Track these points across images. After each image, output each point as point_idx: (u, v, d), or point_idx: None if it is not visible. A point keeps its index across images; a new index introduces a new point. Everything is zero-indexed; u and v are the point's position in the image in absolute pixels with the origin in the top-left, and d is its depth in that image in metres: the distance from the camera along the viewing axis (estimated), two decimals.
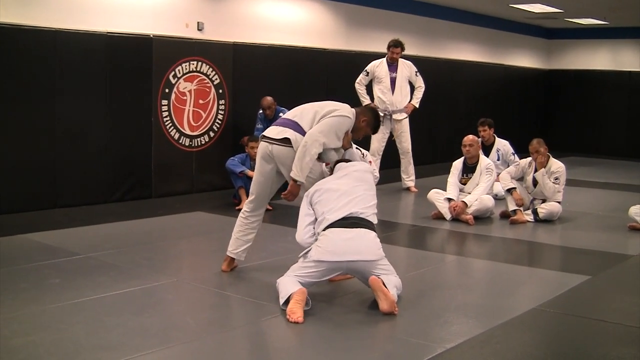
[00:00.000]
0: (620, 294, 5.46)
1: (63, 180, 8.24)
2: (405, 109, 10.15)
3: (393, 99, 10.06)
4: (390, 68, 10.07)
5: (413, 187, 10.29)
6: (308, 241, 5.01)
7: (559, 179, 8.16)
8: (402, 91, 10.13)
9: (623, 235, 7.58)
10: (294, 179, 5.17)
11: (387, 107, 10.06)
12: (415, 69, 10.20)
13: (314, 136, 5.16)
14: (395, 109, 10.09)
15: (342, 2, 11.86)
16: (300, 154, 5.14)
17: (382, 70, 10.07)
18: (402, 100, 10.13)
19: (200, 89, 9.56)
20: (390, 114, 10.10)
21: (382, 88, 10.07)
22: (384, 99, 10.06)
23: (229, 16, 10.07)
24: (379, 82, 10.11)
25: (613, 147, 16.73)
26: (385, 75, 10.06)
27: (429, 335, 4.39)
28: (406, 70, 10.14)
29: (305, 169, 5.15)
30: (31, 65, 7.90)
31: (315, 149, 5.14)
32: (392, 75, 10.06)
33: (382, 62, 10.13)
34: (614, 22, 15.66)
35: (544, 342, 4.41)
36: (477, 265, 6.38)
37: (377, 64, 10.15)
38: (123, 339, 4.14)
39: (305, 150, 5.13)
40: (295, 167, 5.14)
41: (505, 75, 16.42)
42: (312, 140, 5.14)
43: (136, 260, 5.98)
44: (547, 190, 8.12)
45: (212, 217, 8.12)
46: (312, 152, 5.14)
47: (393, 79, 10.06)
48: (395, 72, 10.07)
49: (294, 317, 4.47)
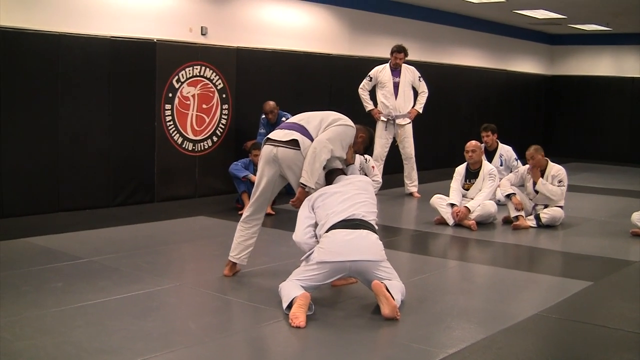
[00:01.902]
0: (622, 300, 5.45)
1: (66, 184, 8.25)
2: (408, 114, 10.16)
3: (396, 104, 10.07)
4: (394, 73, 10.08)
5: (416, 193, 10.28)
6: (308, 242, 5.01)
7: (563, 181, 8.17)
8: (406, 96, 10.13)
9: (625, 241, 7.58)
10: (303, 184, 5.14)
11: (390, 112, 10.07)
12: (418, 74, 10.21)
13: (322, 142, 5.16)
14: (398, 114, 10.10)
15: (346, 8, 11.88)
16: (310, 159, 5.12)
17: (386, 76, 10.08)
18: (406, 105, 10.13)
19: (204, 94, 9.57)
20: (393, 119, 10.10)
21: (386, 93, 10.08)
22: (387, 104, 10.06)
23: (233, 21, 10.08)
24: (382, 87, 10.12)
25: (616, 153, 16.72)
26: (388, 80, 10.07)
27: (430, 340, 4.38)
28: (409, 76, 10.15)
29: (315, 175, 5.12)
30: (35, 69, 7.92)
31: (324, 154, 5.14)
32: (396, 80, 10.07)
33: (386, 67, 10.14)
34: (617, 28, 15.66)
35: (546, 348, 4.41)
36: (479, 271, 6.38)
37: (381, 69, 10.16)
38: (125, 343, 4.14)
39: (315, 155, 5.11)
40: (306, 172, 5.12)
41: (508, 80, 16.42)
42: (321, 147, 5.13)
43: (138, 264, 5.98)
44: (554, 195, 8.11)
45: (215, 221, 8.12)
46: (322, 158, 5.13)
47: (396, 84, 10.07)
48: (399, 77, 10.08)
49: (296, 322, 4.47)
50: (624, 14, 13.42)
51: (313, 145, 5.16)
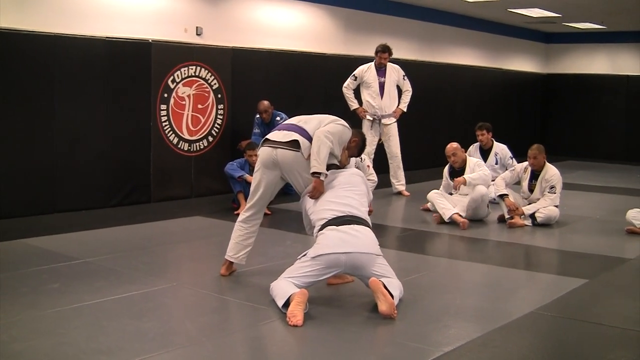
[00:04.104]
0: (617, 298, 5.47)
1: (62, 185, 8.25)
2: (393, 114, 10.17)
3: (382, 103, 10.07)
4: (379, 73, 10.07)
5: (404, 191, 10.29)
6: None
7: (555, 187, 8.16)
8: (391, 95, 10.15)
9: (620, 238, 7.60)
10: (316, 172, 5.14)
11: (376, 112, 10.08)
12: (403, 72, 10.22)
13: (324, 133, 5.20)
14: (384, 114, 10.11)
15: (341, 7, 11.88)
16: (315, 148, 5.15)
17: (371, 75, 10.06)
18: (391, 104, 10.14)
19: (199, 94, 9.58)
20: (379, 118, 10.12)
21: (371, 93, 10.07)
22: (373, 104, 10.06)
23: (228, 21, 10.09)
24: (367, 87, 10.11)
25: (611, 151, 16.76)
26: (374, 80, 10.06)
27: (427, 338, 4.40)
28: (394, 75, 10.15)
29: (324, 161, 5.14)
30: (30, 70, 7.91)
31: (329, 142, 5.18)
32: (381, 80, 10.08)
33: (371, 67, 10.12)
34: (612, 26, 15.70)
35: (542, 346, 4.43)
36: (475, 269, 6.39)
37: (365, 69, 10.13)
38: (122, 344, 4.15)
39: (320, 144, 5.15)
40: (315, 160, 5.13)
41: (504, 79, 16.44)
42: (323, 136, 5.18)
43: (135, 264, 5.98)
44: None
45: (211, 221, 8.13)
46: (327, 146, 5.17)
47: (382, 84, 10.07)
48: (384, 76, 10.08)
49: (294, 321, 4.47)
50: (618, 13, 13.45)
51: (316, 135, 5.19)
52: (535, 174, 8.25)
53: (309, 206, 5.21)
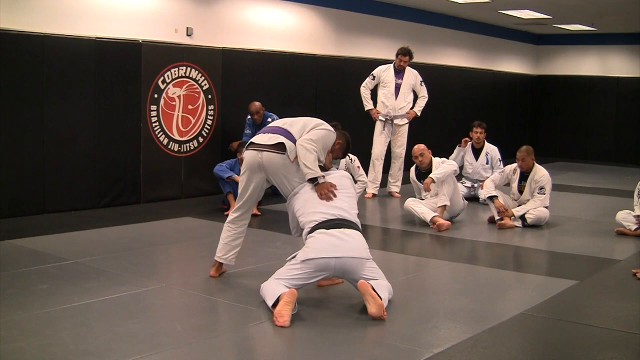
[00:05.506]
0: (607, 299, 5.49)
1: (51, 185, 8.21)
2: (407, 115, 10.24)
3: (395, 104, 10.18)
4: (397, 75, 10.21)
5: (396, 193, 10.33)
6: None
7: (544, 188, 8.18)
8: (405, 98, 10.27)
9: (610, 240, 7.63)
10: (312, 178, 5.16)
11: (389, 112, 10.18)
12: (420, 78, 10.35)
13: (307, 140, 5.20)
14: (396, 115, 10.19)
15: (332, 8, 11.89)
16: (302, 154, 5.16)
17: (389, 76, 10.19)
18: (405, 106, 10.26)
19: (190, 95, 9.56)
20: (391, 118, 10.19)
21: (387, 93, 10.19)
22: (387, 104, 10.17)
23: (218, 21, 10.07)
24: (384, 86, 10.24)
25: (601, 152, 16.84)
26: (391, 80, 10.18)
27: (416, 340, 4.40)
28: (412, 79, 10.28)
29: (314, 164, 5.16)
30: (19, 70, 7.88)
31: (314, 150, 5.19)
32: (398, 81, 10.20)
33: (390, 68, 10.25)
34: (602, 28, 15.76)
35: (531, 347, 4.44)
36: (465, 270, 6.39)
37: (384, 69, 10.27)
38: (111, 345, 4.14)
39: (306, 150, 5.16)
40: (305, 166, 5.14)
41: (494, 80, 16.48)
42: (306, 143, 5.18)
43: (124, 265, 5.96)
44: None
45: (201, 222, 8.12)
46: (313, 153, 5.18)
47: (398, 85, 10.20)
48: (402, 79, 10.22)
49: (280, 321, 4.47)
50: (608, 15, 13.51)
51: (299, 143, 5.20)
52: (524, 175, 8.28)
53: (298, 207, 5.19)
